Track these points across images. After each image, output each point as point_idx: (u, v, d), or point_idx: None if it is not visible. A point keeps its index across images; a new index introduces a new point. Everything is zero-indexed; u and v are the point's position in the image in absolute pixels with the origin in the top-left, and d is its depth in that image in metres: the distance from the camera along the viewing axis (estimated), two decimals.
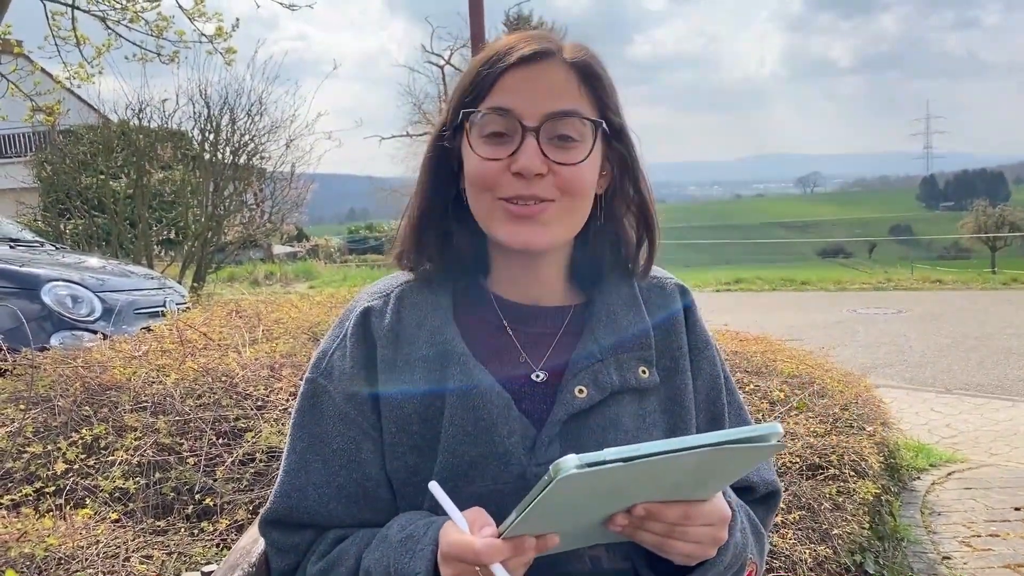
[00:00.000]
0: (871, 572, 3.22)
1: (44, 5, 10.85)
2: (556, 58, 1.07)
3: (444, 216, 1.14)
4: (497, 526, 0.91)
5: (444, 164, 1.14)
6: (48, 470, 2.76)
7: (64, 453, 2.81)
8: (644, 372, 1.12)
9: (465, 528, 0.91)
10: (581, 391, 1.08)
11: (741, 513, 1.11)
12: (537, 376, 1.12)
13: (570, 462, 0.78)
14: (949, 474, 4.87)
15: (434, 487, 0.95)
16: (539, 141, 1.04)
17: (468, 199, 1.11)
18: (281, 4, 10.69)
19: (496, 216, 1.08)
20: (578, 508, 0.88)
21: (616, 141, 1.12)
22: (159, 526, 2.56)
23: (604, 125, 1.09)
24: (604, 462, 0.78)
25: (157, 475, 2.76)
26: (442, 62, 31.93)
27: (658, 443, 0.81)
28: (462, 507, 0.95)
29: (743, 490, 1.19)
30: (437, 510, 0.97)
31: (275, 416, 3.05)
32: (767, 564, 1.22)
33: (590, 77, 1.09)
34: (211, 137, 12.14)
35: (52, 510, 2.56)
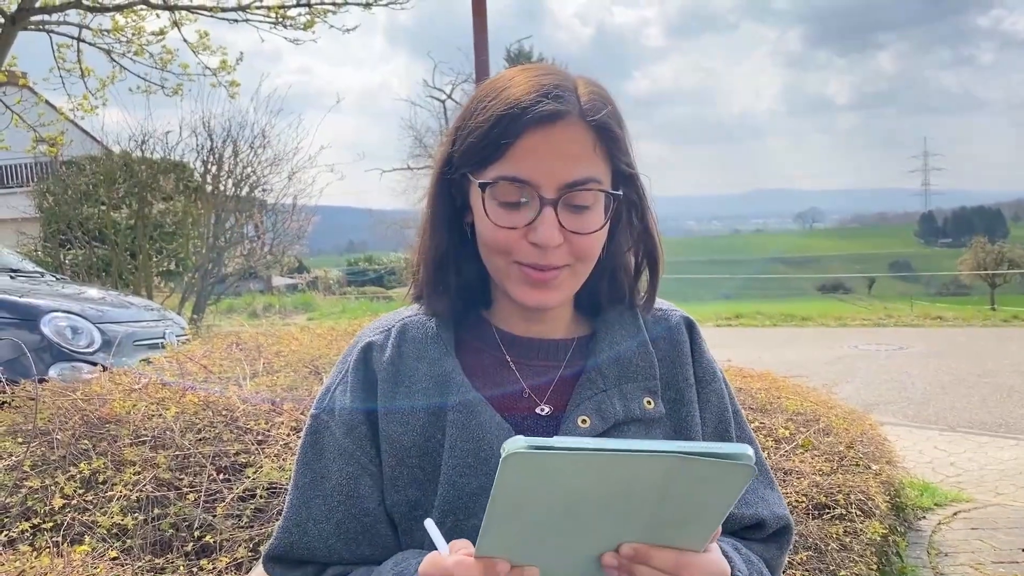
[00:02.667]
0: None
1: (51, 38, 10.96)
2: (573, 117, 1.03)
3: (456, 253, 1.13)
4: None
5: (450, 201, 1.13)
6: (45, 505, 2.72)
7: (62, 488, 2.77)
8: (649, 403, 1.12)
9: (446, 554, 0.90)
10: (584, 421, 1.07)
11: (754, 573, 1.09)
12: (542, 409, 1.11)
13: (519, 442, 0.77)
14: (955, 514, 4.82)
15: (429, 524, 0.94)
16: (556, 212, 1.03)
17: (480, 251, 1.10)
18: (285, 39, 10.81)
19: (512, 277, 1.07)
20: (544, 517, 0.85)
21: (626, 187, 1.10)
22: (158, 564, 2.51)
23: (619, 191, 1.08)
24: (552, 448, 0.77)
25: (156, 511, 2.71)
26: (444, 96, 32.19)
27: (613, 441, 0.80)
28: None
29: (753, 528, 1.16)
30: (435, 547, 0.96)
31: (276, 451, 3.01)
32: None
33: (606, 135, 1.06)
34: (213, 169, 12.19)
35: (49, 547, 2.51)
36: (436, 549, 0.94)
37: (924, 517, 4.72)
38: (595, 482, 0.82)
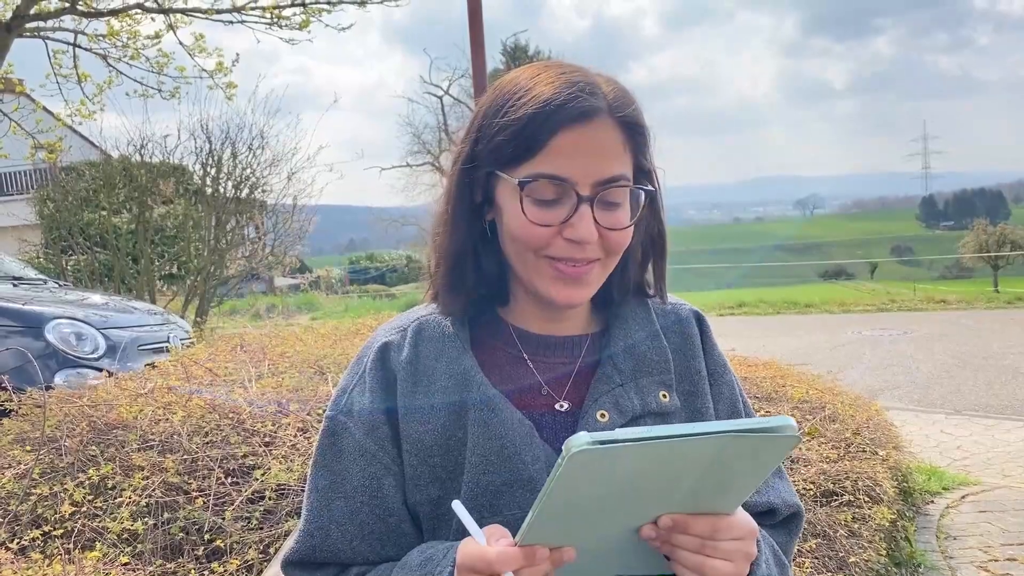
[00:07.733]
0: None
1: (46, 44, 10.96)
2: (605, 115, 1.04)
3: (475, 252, 1.13)
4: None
5: (470, 198, 1.12)
6: (55, 512, 2.73)
7: (71, 494, 2.78)
8: (664, 396, 1.13)
9: (483, 541, 0.91)
10: (603, 415, 1.08)
11: (765, 546, 1.09)
12: (560, 406, 1.11)
13: (583, 438, 0.78)
14: (963, 497, 4.83)
15: (457, 506, 0.94)
16: (593, 209, 1.04)
17: (506, 250, 1.10)
18: (281, 39, 10.79)
19: (543, 273, 1.07)
20: (594, 506, 0.87)
21: (647, 182, 1.11)
22: (169, 568, 2.52)
23: (647, 187, 1.09)
24: (616, 440, 0.79)
25: (165, 515, 2.72)
26: (441, 92, 32.16)
27: (670, 427, 0.82)
28: None
29: (765, 514, 1.17)
30: (462, 536, 0.96)
31: (283, 452, 3.02)
32: None
33: (633, 131, 1.07)
34: (212, 171, 12.17)
35: (60, 554, 2.52)
36: (465, 535, 0.94)
37: (932, 501, 4.73)
38: (651, 467, 0.84)
